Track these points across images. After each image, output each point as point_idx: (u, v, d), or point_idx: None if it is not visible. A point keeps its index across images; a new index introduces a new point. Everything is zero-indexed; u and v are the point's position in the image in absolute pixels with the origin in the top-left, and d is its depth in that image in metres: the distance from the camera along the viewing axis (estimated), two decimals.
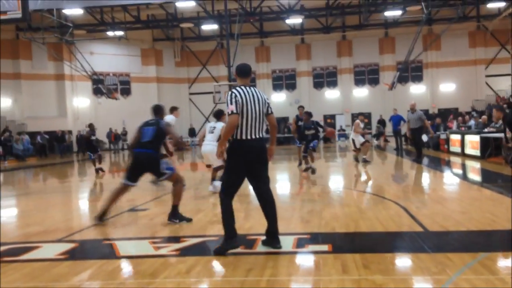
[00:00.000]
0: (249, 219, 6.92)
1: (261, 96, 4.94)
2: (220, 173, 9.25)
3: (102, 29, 31.17)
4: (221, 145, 5.01)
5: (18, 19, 9.83)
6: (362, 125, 15.25)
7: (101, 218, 6.64)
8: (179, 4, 26.71)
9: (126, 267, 4.73)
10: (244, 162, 4.86)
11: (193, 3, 26.19)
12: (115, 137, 34.23)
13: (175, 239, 5.62)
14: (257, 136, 4.88)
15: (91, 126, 15.83)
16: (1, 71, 30.45)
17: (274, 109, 5.17)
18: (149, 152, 6.44)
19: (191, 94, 38.13)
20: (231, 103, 4.75)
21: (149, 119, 6.85)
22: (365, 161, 14.68)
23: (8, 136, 26.76)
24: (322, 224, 6.16)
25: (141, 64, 36.71)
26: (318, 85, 37.28)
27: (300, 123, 13.70)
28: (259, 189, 5.04)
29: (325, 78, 37.29)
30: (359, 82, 36.99)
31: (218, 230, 6.03)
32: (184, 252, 5.04)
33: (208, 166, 9.79)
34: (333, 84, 37.17)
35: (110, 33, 31.28)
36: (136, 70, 36.44)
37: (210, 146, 9.18)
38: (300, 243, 5.17)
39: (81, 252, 5.35)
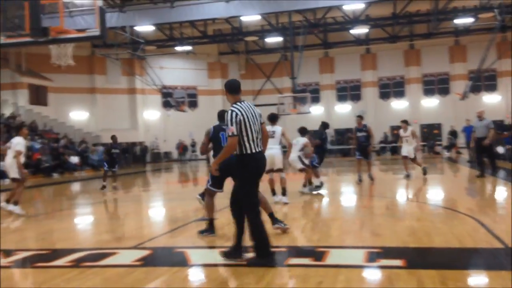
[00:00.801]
0: (317, 231, 6.87)
1: (255, 109, 5.04)
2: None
3: (171, 44, 32.35)
4: (217, 163, 5.07)
5: (96, 36, 10.37)
6: (405, 133, 14.02)
7: (207, 231, 6.52)
8: (244, 18, 27.19)
9: (197, 275, 4.84)
10: (256, 174, 4.95)
11: (258, 17, 26.58)
12: (183, 149, 35.31)
13: (244, 249, 5.66)
14: (259, 149, 4.98)
15: (113, 138, 15.07)
16: (78, 85, 32.44)
17: (338, 120, 5.17)
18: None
19: (255, 106, 38.49)
20: (232, 124, 4.79)
21: (219, 124, 6.64)
22: (406, 176, 13.96)
23: (85, 147, 28.39)
24: (394, 237, 5.98)
25: (208, 77, 37.67)
26: (384, 95, 36.45)
27: (359, 133, 13.28)
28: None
29: (391, 88, 36.41)
30: (428, 92, 35.78)
31: (286, 241, 6.04)
32: (254, 262, 5.06)
33: (268, 172, 9.36)
34: (400, 94, 36.19)
35: (178, 48, 32.40)
36: (203, 83, 37.43)
37: (274, 150, 8.98)
38: (371, 257, 5.05)
39: (155, 259, 5.53)
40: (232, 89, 5.05)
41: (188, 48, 32.64)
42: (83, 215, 10.54)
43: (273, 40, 33.06)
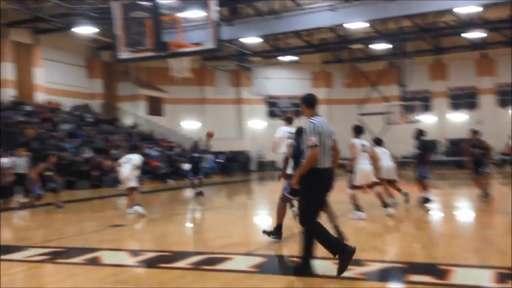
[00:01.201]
0: (435, 246, 6.51)
1: (329, 126, 5.05)
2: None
3: (276, 54, 32.88)
4: (299, 176, 4.92)
5: (211, 49, 10.83)
6: None
7: (273, 234, 6.66)
8: (349, 26, 26.79)
9: (313, 286, 4.80)
10: (324, 190, 4.95)
11: (364, 24, 26.05)
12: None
13: (357, 262, 5.46)
14: (330, 165, 4.96)
15: (195, 143, 14.77)
16: (190, 96, 34.25)
17: (452, 130, 4.88)
18: None
19: (361, 115, 37.67)
20: (312, 135, 4.79)
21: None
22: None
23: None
24: None
25: (312, 87, 37.64)
26: (504, 103, 33.71)
27: (474, 149, 12.02)
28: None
29: None
30: None
31: (402, 256, 5.80)
32: (371, 276, 4.92)
33: (359, 187, 9.14)
34: None
35: (283, 58, 32.85)
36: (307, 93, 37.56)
37: (369, 165, 9.03)
38: (501, 278, 4.65)
39: (270, 266, 5.58)
40: (310, 103, 5.14)
41: (293, 58, 32.94)
42: (195, 219, 11.05)
43: (380, 47, 32.16)
